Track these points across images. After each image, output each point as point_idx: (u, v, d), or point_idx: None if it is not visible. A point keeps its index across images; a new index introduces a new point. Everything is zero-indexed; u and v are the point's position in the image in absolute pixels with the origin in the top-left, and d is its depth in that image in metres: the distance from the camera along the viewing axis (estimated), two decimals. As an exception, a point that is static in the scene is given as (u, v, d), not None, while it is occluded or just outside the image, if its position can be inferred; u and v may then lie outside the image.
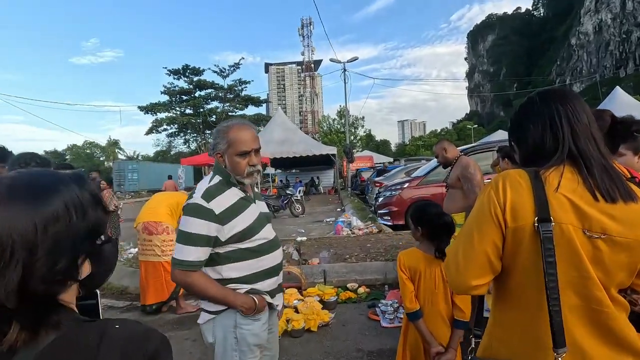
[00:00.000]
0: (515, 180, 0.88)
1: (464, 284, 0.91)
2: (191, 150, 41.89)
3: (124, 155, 52.58)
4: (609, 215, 0.82)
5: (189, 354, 2.97)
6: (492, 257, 0.89)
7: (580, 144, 0.88)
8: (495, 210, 0.88)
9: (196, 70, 39.47)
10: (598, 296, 0.83)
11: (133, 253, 5.86)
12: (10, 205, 0.52)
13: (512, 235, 0.86)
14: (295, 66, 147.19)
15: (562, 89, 1.00)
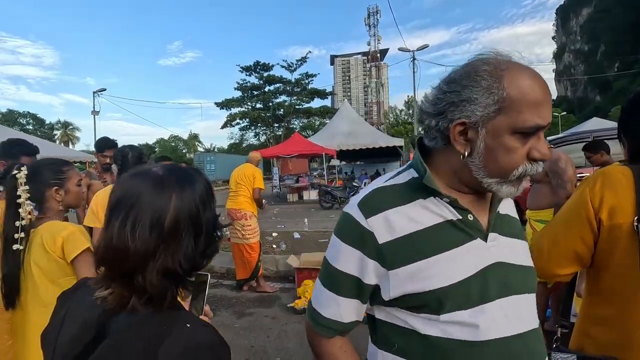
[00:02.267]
0: (616, 177, 0.87)
1: (548, 271, 0.94)
2: (261, 143, 44.13)
3: (202, 147, 57.55)
4: None
5: (269, 329, 3.28)
6: (579, 250, 0.90)
7: None
8: (586, 208, 0.88)
9: (266, 66, 41.22)
10: None
11: (216, 237, 6.50)
12: (179, 190, 0.63)
13: (607, 233, 0.86)
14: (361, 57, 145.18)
15: None
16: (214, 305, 3.90)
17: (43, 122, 52.16)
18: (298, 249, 5.37)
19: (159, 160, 4.84)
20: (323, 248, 5.39)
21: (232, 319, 3.56)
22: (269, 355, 2.83)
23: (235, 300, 4.04)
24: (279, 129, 43.56)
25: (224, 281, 4.72)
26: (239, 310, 3.76)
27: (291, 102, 41.96)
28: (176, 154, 55.05)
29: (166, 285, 0.62)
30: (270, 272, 4.77)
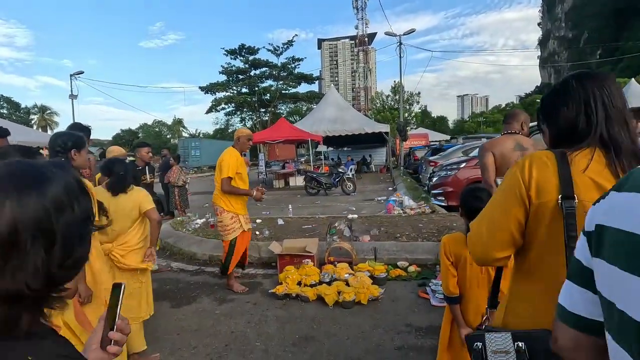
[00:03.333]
0: (541, 160, 0.93)
1: (488, 256, 0.98)
2: (247, 128, 43.52)
3: (187, 133, 56.50)
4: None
5: (250, 315, 3.30)
6: (514, 232, 0.95)
7: (612, 130, 0.91)
8: (520, 187, 0.93)
9: (251, 50, 40.29)
10: None
11: (199, 224, 6.45)
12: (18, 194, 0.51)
13: (535, 211, 0.91)
14: (349, 41, 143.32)
15: (600, 72, 1.00)
16: (195, 292, 3.91)
17: (18, 106, 50.11)
18: (281, 235, 5.38)
19: (138, 146, 4.74)
20: (306, 234, 5.42)
21: (214, 305, 3.57)
22: (249, 340, 2.86)
23: (217, 286, 4.05)
24: (265, 114, 42.98)
25: (206, 268, 4.70)
26: (220, 296, 3.77)
27: (277, 86, 41.32)
28: (160, 139, 53.93)
29: (5, 311, 0.51)
30: (252, 258, 4.77)
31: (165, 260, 5.12)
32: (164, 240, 5.72)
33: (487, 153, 2.66)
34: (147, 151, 4.43)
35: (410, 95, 41.51)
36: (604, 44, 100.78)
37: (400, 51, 18.92)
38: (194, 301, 3.69)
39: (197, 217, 6.98)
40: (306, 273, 3.83)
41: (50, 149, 2.00)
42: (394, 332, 2.89)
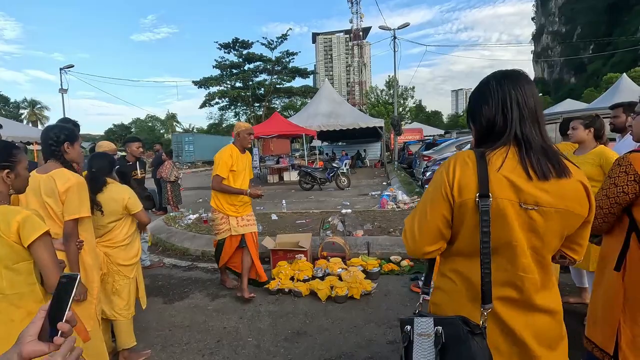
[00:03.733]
0: (464, 160, 1.00)
1: (419, 250, 1.06)
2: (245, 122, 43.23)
3: (181, 127, 55.96)
4: (542, 190, 0.94)
5: (242, 310, 3.29)
6: (442, 227, 1.02)
7: (525, 128, 0.98)
8: (444, 187, 1.00)
9: (245, 44, 39.92)
10: (523, 264, 0.96)
11: (192, 219, 6.40)
12: None
13: (458, 209, 0.99)
14: (343, 35, 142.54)
15: (516, 72, 1.04)
16: (187, 288, 3.89)
17: (7, 100, 49.15)
18: (275, 230, 5.37)
19: (128, 141, 4.65)
20: (300, 229, 5.41)
21: (206, 301, 3.56)
22: (242, 336, 2.85)
23: (209, 282, 4.03)
24: (259, 108, 42.71)
25: (199, 264, 4.68)
26: (212, 292, 3.75)
27: (272, 81, 41.02)
28: (153, 134, 53.42)
29: None
30: (246, 253, 4.76)
31: (157, 256, 5.09)
32: (156, 236, 5.69)
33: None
34: (137, 146, 4.36)
35: (404, 90, 41.41)
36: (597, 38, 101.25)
37: (395, 45, 18.86)
38: (186, 297, 3.67)
39: (189, 213, 6.94)
40: (299, 268, 3.83)
41: (43, 142, 1.97)
42: (387, 326, 2.90)
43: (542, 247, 0.96)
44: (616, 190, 1.32)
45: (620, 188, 1.31)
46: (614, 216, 1.38)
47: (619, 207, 1.34)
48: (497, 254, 0.97)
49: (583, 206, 0.96)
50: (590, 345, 1.51)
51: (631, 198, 1.30)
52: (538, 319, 0.98)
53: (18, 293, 1.37)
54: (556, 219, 0.94)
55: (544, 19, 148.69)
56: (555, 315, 1.00)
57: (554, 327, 1.00)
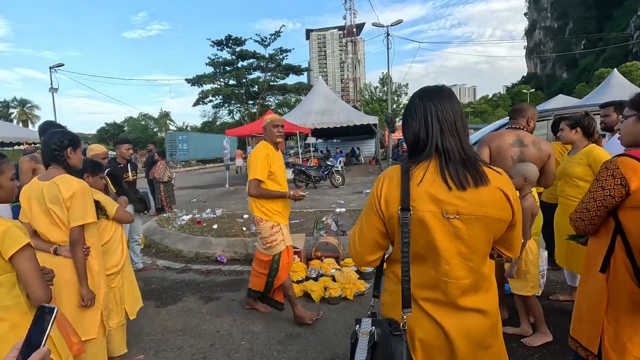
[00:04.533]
0: (391, 176, 1.08)
1: (361, 260, 1.15)
2: (235, 121, 43.05)
3: (174, 126, 55.51)
4: (461, 199, 1.01)
5: (236, 313, 3.28)
6: (378, 239, 1.11)
7: (445, 140, 1.05)
8: (374, 202, 1.08)
9: (238, 41, 39.61)
10: (445, 269, 1.03)
11: (186, 220, 6.37)
12: None
13: (388, 221, 1.07)
14: (337, 31, 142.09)
15: (438, 89, 1.12)
16: (181, 291, 3.87)
17: (-3, 99, 48.37)
18: (268, 230, 5.35)
19: (118, 142, 4.60)
20: (294, 229, 5.40)
21: (199, 303, 3.54)
22: (235, 339, 2.85)
23: (202, 285, 4.01)
24: (253, 106, 42.51)
25: (193, 265, 4.66)
26: (206, 294, 3.74)
27: (265, 78, 40.83)
28: (147, 133, 52.95)
29: None
30: (239, 255, 4.75)
31: (150, 258, 5.06)
32: (149, 237, 5.65)
33: (483, 146, 2.62)
34: (127, 148, 4.30)
35: (398, 87, 41.44)
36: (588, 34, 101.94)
37: (388, 42, 18.83)
38: (179, 300, 3.65)
39: (183, 214, 6.90)
40: (293, 269, 3.82)
41: (45, 147, 1.96)
42: (380, 327, 2.90)
43: (469, 252, 1.03)
44: (603, 193, 1.34)
45: (607, 191, 1.32)
46: (600, 218, 1.40)
47: (605, 210, 1.36)
48: (424, 261, 1.06)
49: (504, 211, 1.03)
50: (575, 344, 1.54)
51: (617, 201, 1.31)
52: (468, 318, 1.05)
53: (2, 305, 1.35)
54: (478, 225, 1.01)
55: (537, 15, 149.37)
56: (488, 315, 1.07)
57: (485, 326, 1.06)
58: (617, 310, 1.36)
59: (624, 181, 1.28)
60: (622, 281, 1.33)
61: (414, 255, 1.06)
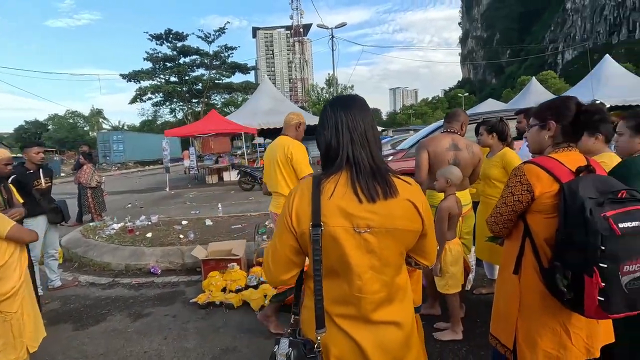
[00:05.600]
0: (302, 190, 1.03)
1: (276, 280, 1.09)
2: (178, 120, 40.89)
3: (109, 125, 51.12)
4: (372, 212, 0.98)
5: (168, 329, 3.04)
6: (292, 256, 1.05)
7: (355, 151, 1.02)
8: (286, 219, 1.03)
9: (179, 36, 37.70)
10: (358, 285, 1.00)
11: (116, 229, 5.84)
12: None
13: (300, 238, 1.02)
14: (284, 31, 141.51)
15: (349, 99, 1.10)
16: (106, 309, 3.51)
17: None
18: (208, 237, 5.09)
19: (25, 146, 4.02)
20: (235, 235, 5.19)
21: (126, 322, 3.23)
22: (164, 359, 2.63)
23: (132, 300, 3.68)
24: (197, 104, 40.71)
25: (121, 279, 4.26)
26: (135, 311, 3.43)
27: (210, 76, 39.31)
28: (75, 132, 48.08)
29: None
30: (175, 265, 4.45)
31: (71, 273, 4.55)
32: (71, 250, 5.09)
33: (423, 150, 2.69)
34: (36, 152, 3.78)
35: (343, 88, 42.32)
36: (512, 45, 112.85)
37: (333, 44, 19.11)
38: (103, 320, 3.30)
39: (114, 222, 6.32)
40: (232, 278, 3.66)
41: None
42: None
43: (381, 265, 1.01)
44: (513, 198, 1.41)
45: (516, 197, 1.39)
46: (512, 222, 1.47)
47: (515, 214, 1.44)
48: (338, 276, 1.02)
49: (414, 222, 1.02)
50: (494, 340, 1.61)
51: (524, 206, 1.39)
52: (382, 331, 1.03)
53: None
54: (389, 238, 1.00)
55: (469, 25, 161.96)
56: (402, 327, 1.06)
57: (400, 339, 1.05)
58: (528, 308, 1.44)
59: (529, 187, 1.35)
60: (532, 280, 1.41)
61: (328, 270, 1.02)
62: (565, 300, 1.26)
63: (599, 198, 1.18)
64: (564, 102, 1.43)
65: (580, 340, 1.38)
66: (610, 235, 1.12)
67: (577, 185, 1.23)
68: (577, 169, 1.29)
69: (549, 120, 1.43)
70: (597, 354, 1.42)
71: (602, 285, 1.13)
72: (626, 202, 1.17)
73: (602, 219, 1.13)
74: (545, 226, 1.34)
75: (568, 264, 1.23)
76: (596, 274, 1.13)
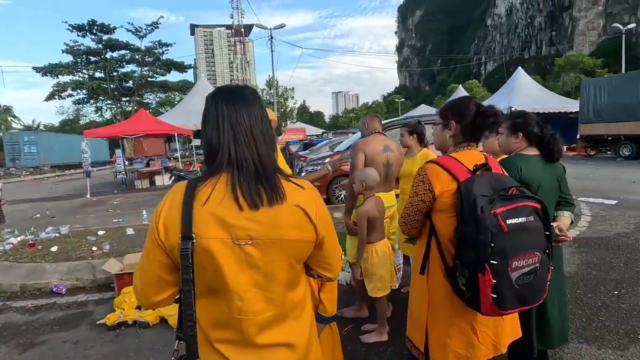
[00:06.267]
0: (173, 195, 0.88)
1: (147, 302, 0.92)
2: (106, 120, 37.47)
3: (20, 124, 44.98)
4: (254, 220, 0.85)
5: (66, 359, 2.63)
6: (163, 275, 0.88)
7: (238, 150, 0.88)
8: (153, 232, 0.86)
9: (105, 28, 34.59)
10: (238, 306, 0.86)
11: (14, 243, 5.04)
12: None
13: (171, 253, 0.85)
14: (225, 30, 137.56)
15: (236, 90, 0.96)
16: (-12, 341, 2.94)
17: None
18: (127, 249, 4.59)
19: None
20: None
21: (12, 355, 2.73)
22: (57, 396, 2.25)
23: (24, 327, 3.14)
24: (128, 103, 37.68)
25: (14, 303, 3.63)
26: (27, 340, 2.92)
27: (142, 73, 36.61)
28: (-24, 131, 41.54)
29: None
30: (84, 282, 3.93)
31: (-52, 300, 3.78)
32: (-50, 272, 4.25)
33: (359, 152, 2.68)
34: None
35: (285, 90, 42.19)
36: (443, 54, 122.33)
37: (272, 45, 18.90)
38: (-18, 354, 2.76)
39: (12, 235, 5.46)
40: (149, 293, 3.30)
41: None
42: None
43: (267, 282, 0.88)
44: (417, 198, 1.39)
45: (419, 196, 1.38)
46: (419, 222, 1.46)
47: (421, 214, 1.42)
48: (217, 297, 0.88)
49: (304, 231, 0.90)
50: (409, 343, 1.59)
51: (428, 205, 1.38)
52: (269, 356, 0.91)
53: None
54: (275, 250, 0.87)
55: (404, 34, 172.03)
56: (294, 349, 0.93)
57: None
58: (437, 309, 1.43)
59: (430, 186, 1.34)
60: (439, 281, 1.40)
61: (206, 289, 0.87)
62: (466, 298, 1.26)
63: (491, 195, 1.18)
64: (465, 103, 1.44)
65: (488, 338, 1.39)
66: (499, 232, 1.13)
67: (472, 184, 1.23)
68: (474, 167, 1.29)
69: (450, 120, 1.43)
70: (503, 350, 1.44)
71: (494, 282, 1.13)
72: (515, 198, 1.19)
73: (492, 216, 1.13)
74: (448, 225, 1.33)
75: (464, 262, 1.23)
76: (488, 272, 1.13)
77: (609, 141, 14.79)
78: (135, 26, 34.73)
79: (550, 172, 1.80)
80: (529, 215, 1.18)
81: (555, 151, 1.79)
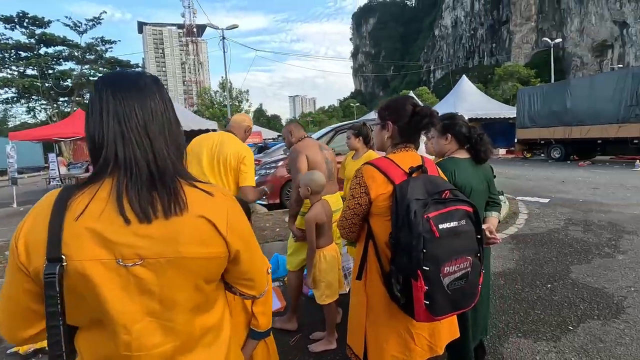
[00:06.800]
0: (40, 207, 0.71)
1: (14, 338, 0.75)
2: (40, 121, 34.19)
3: None
4: (144, 236, 0.71)
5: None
6: (31, 304, 0.72)
7: (127, 150, 0.72)
8: (13, 254, 0.70)
9: (39, 21, 31.69)
10: (125, 340, 0.71)
11: None
12: None
13: (36, 279, 0.68)
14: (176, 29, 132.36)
15: (124, 75, 0.78)
16: None
17: None
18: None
19: None
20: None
21: None
22: None
23: None
24: (67, 104, 34.74)
25: None
26: None
27: (82, 71, 33.97)
28: None
29: None
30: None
31: None
32: None
33: (302, 156, 2.62)
34: None
35: (239, 93, 41.32)
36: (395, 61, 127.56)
37: (224, 46, 18.42)
38: None
39: None
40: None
41: None
42: None
43: (164, 310, 0.73)
44: (354, 201, 1.33)
45: (356, 200, 1.32)
46: (357, 226, 1.40)
47: (359, 218, 1.36)
48: (102, 330, 0.72)
49: (210, 246, 0.75)
50: (350, 351, 1.53)
51: (364, 209, 1.32)
52: None
53: None
54: (173, 271, 0.72)
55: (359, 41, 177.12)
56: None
57: None
58: (375, 314, 1.38)
59: (366, 189, 1.29)
60: (377, 286, 1.35)
61: (89, 320, 0.73)
62: (401, 305, 1.21)
63: (425, 199, 1.14)
64: (401, 102, 1.41)
65: (423, 340, 1.37)
66: (431, 237, 1.09)
67: (407, 187, 1.19)
68: (410, 169, 1.25)
69: (387, 121, 1.39)
70: (440, 352, 1.42)
71: (426, 289, 1.09)
72: (447, 202, 1.16)
73: (424, 220, 1.10)
74: (385, 229, 1.28)
75: (399, 267, 1.18)
76: (420, 278, 1.09)
77: (542, 144, 16.17)
78: (73, 20, 32.25)
79: (480, 174, 1.84)
80: (460, 220, 1.16)
81: (482, 151, 1.81)
